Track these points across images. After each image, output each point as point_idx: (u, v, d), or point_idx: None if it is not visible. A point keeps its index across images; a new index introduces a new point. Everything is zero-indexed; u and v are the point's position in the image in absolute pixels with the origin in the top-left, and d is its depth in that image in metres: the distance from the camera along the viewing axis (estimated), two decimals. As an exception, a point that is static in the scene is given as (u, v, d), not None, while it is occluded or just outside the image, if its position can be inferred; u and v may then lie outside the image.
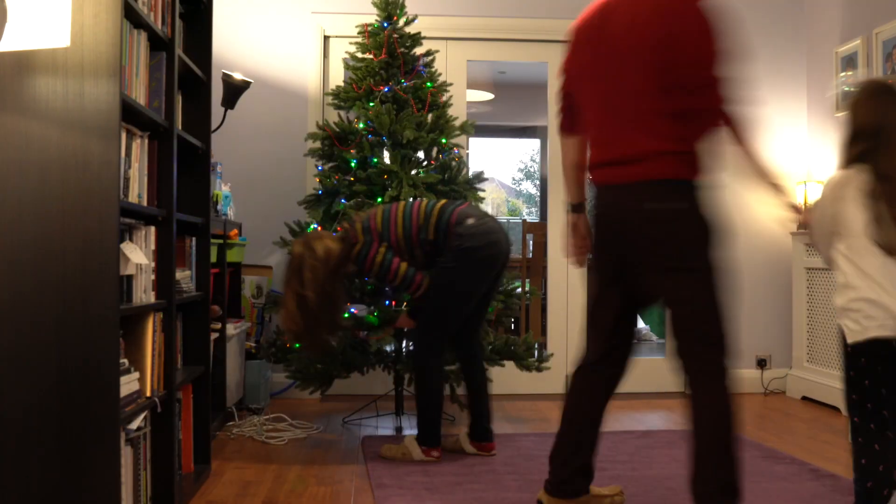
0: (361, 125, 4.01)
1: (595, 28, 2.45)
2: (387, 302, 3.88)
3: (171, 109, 2.70)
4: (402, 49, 4.14)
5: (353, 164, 3.99)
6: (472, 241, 3.26)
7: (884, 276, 2.19)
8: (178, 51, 2.86)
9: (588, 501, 2.60)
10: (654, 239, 2.33)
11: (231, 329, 4.04)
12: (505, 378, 4.91)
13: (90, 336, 2.12)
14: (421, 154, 4.15)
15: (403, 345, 4.13)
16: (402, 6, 4.20)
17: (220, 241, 3.99)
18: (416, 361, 3.42)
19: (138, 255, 2.42)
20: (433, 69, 4.24)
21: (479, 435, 3.52)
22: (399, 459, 3.39)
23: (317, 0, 4.92)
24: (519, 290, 4.28)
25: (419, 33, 4.21)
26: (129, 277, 2.41)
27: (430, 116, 4.11)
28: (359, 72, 4.13)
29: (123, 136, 2.33)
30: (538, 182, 13.30)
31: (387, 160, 4.00)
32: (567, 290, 5.12)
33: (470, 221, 3.29)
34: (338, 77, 4.88)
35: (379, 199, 3.92)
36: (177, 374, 2.80)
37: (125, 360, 2.38)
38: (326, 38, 4.97)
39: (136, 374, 2.43)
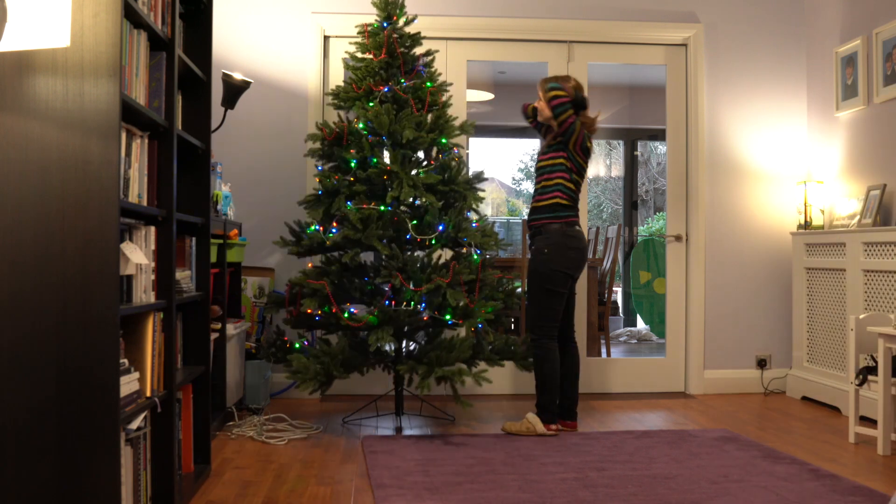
0: (361, 125, 4.01)
1: None
2: (386, 302, 3.89)
3: (170, 109, 2.70)
4: (402, 49, 4.14)
5: (352, 164, 3.99)
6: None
7: None
8: (178, 51, 2.86)
9: None
10: None
11: (231, 329, 4.04)
12: (505, 378, 4.91)
13: (90, 336, 2.12)
14: (421, 154, 4.15)
15: (403, 345, 4.14)
16: (402, 6, 4.20)
17: (220, 241, 3.99)
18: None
19: (138, 255, 2.42)
20: (433, 69, 4.24)
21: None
22: (524, 434, 3.87)
23: (317, 0, 4.92)
24: (519, 290, 4.28)
25: (419, 33, 4.21)
26: (129, 277, 2.42)
27: (429, 116, 4.11)
28: (359, 72, 4.13)
29: (123, 136, 2.33)
30: (538, 182, 13.28)
31: (387, 160, 4.00)
32: (567, 290, 5.11)
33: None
34: (338, 77, 4.88)
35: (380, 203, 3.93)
36: (177, 374, 2.80)
37: (125, 360, 2.38)
38: (326, 38, 4.97)
39: (136, 374, 2.43)
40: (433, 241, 3.98)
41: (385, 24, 4.14)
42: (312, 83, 4.90)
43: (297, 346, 4.07)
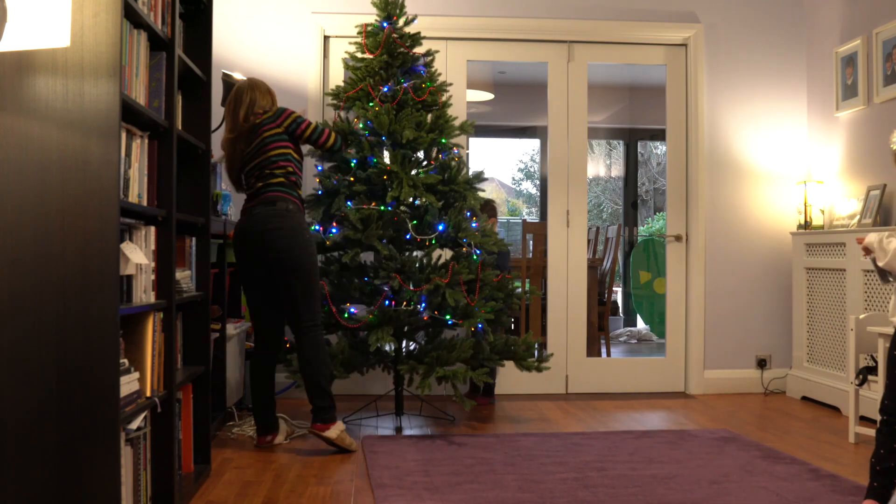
0: (361, 125, 4.01)
1: None
2: (386, 302, 3.89)
3: (170, 109, 2.70)
4: (402, 49, 4.14)
5: (352, 165, 3.99)
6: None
7: None
8: (178, 51, 2.86)
9: None
10: None
11: (231, 329, 4.04)
12: (505, 378, 4.91)
13: (90, 336, 2.12)
14: (421, 154, 4.15)
15: (403, 345, 4.13)
16: (402, 6, 4.20)
17: (220, 241, 3.99)
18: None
19: (138, 255, 2.42)
20: (433, 69, 4.24)
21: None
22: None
23: (317, 0, 4.92)
24: (519, 290, 4.28)
25: (419, 33, 4.21)
26: (129, 277, 2.42)
27: (429, 116, 4.11)
28: (359, 72, 4.13)
29: (123, 136, 2.33)
30: (538, 182, 13.30)
31: (387, 160, 4.00)
32: (567, 290, 5.11)
33: None
34: (338, 77, 4.88)
35: (380, 204, 3.92)
36: (177, 374, 2.80)
37: (125, 360, 2.38)
38: (326, 38, 4.97)
39: (136, 374, 2.43)
40: (433, 241, 3.98)
41: (385, 24, 4.14)
42: (312, 83, 4.90)
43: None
